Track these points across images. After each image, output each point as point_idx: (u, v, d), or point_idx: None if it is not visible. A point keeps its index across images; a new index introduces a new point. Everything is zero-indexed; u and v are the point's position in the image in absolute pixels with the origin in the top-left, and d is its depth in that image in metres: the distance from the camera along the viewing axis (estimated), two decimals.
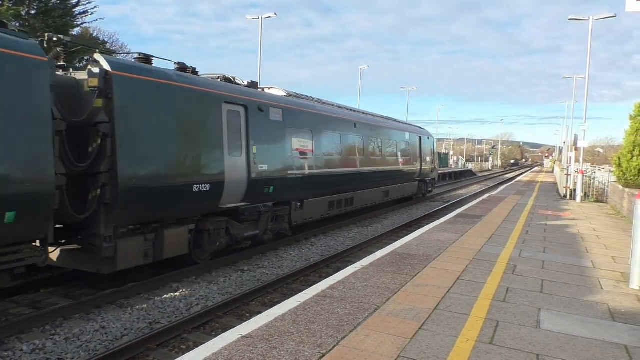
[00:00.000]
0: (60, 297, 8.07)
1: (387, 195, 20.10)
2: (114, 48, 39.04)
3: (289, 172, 12.39)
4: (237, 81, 11.47)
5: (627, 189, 15.97)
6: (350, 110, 18.19)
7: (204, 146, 9.28)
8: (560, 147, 57.36)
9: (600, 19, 22.12)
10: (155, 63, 8.95)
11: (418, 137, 24.09)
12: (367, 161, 17.57)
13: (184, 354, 4.38)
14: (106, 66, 7.60)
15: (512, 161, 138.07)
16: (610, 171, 23.12)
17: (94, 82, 7.42)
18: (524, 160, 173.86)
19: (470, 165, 78.42)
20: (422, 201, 25.46)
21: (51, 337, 6.40)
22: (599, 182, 25.38)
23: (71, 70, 7.98)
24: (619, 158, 17.87)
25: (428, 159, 25.56)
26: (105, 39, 37.58)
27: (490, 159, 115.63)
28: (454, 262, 8.03)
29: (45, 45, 7.24)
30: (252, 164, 10.66)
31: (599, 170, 31.66)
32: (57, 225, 7.19)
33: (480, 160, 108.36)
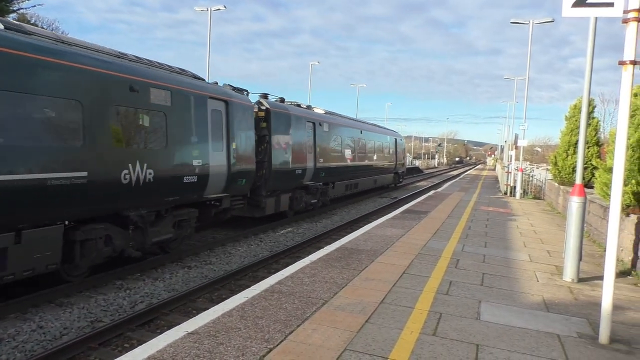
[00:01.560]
0: None
1: (375, 183, 26.74)
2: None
3: (332, 164, 19.47)
4: (315, 109, 19.67)
5: (562, 187, 16.83)
6: (357, 120, 26.54)
7: (300, 147, 16.47)
8: (501, 145, 59.68)
9: (539, 23, 23.15)
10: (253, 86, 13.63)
11: (395, 139, 31.66)
12: (366, 157, 24.63)
13: (127, 352, 4.26)
14: (267, 106, 14.60)
15: (457, 159, 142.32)
16: (548, 169, 24.27)
17: (262, 114, 14.41)
18: (468, 158, 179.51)
19: (417, 163, 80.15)
20: (371, 197, 25.93)
21: None
22: (537, 180, 26.61)
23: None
24: (555, 157, 18.74)
25: (401, 156, 33.09)
26: (44, 26, 35.83)
27: (437, 156, 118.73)
28: (400, 257, 8.21)
29: None
30: (320, 160, 18.06)
31: (537, 168, 33.20)
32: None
33: (427, 158, 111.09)
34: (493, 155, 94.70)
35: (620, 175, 4.69)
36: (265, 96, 14.97)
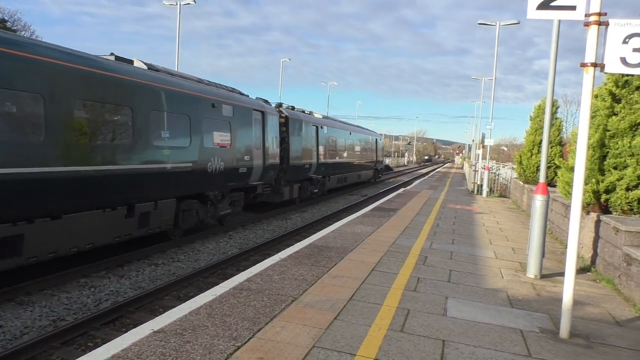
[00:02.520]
0: None
1: (359, 177, 30.68)
2: (15, 27, 35.95)
3: (329, 160, 23.39)
4: (315, 114, 23.06)
5: (526, 185, 17.25)
6: (346, 123, 30.66)
7: (308, 146, 20.26)
8: (469, 144, 60.73)
9: (506, 24, 23.67)
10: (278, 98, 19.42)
11: (375, 139, 36.13)
12: (354, 155, 28.60)
13: (90, 351, 4.16)
14: (286, 114, 18.14)
15: (426, 157, 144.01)
16: (513, 168, 24.82)
17: (282, 120, 17.60)
18: (437, 156, 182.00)
19: (387, 161, 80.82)
20: (341, 194, 26.05)
21: None
22: (503, 179, 27.20)
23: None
24: (520, 156, 19.15)
25: (379, 154, 37.62)
26: (5, 17, 34.56)
27: (406, 154, 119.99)
28: (369, 254, 8.28)
29: None
30: (321, 156, 21.96)
31: (503, 167, 33.95)
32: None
33: (397, 156, 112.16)
34: (461, 154, 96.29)
35: (581, 174, 4.84)
36: (280, 105, 18.75)
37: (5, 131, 6.96)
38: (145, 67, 10.65)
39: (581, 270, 8.00)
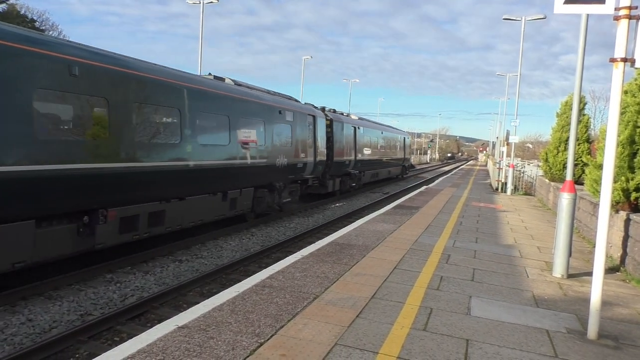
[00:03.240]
0: None
1: (389, 173, 33.59)
2: (43, 27, 36.75)
3: (365, 157, 26.09)
4: (352, 116, 26.73)
5: (552, 183, 16.94)
6: (378, 123, 34.75)
7: (348, 145, 22.84)
8: (493, 141, 59.90)
9: (531, 19, 23.21)
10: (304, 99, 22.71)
11: (403, 138, 39.01)
12: (385, 153, 31.45)
13: (117, 345, 4.24)
14: (331, 117, 20.85)
15: (449, 154, 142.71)
16: (538, 166, 24.39)
17: (327, 122, 20.30)
18: (460, 153, 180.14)
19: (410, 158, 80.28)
20: (363, 192, 26.01)
21: None
22: (528, 176, 26.75)
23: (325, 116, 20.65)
24: (546, 153, 18.81)
25: (407, 152, 40.56)
26: (34, 17, 35.35)
27: (429, 152, 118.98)
28: (391, 252, 8.23)
29: None
30: (358, 154, 24.57)
31: (528, 164, 33.38)
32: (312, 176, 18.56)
33: (419, 153, 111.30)
34: (485, 151, 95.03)
35: (610, 172, 4.72)
36: (323, 109, 21.26)
37: (168, 136, 10.03)
38: (232, 83, 13.58)
39: (610, 270, 7.82)
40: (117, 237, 8.88)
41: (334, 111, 22.53)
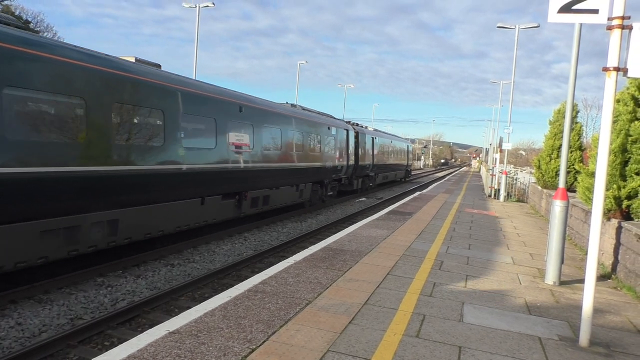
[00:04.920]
0: None
1: (396, 176, 38.55)
2: (38, 28, 36.60)
3: (380, 162, 31.25)
4: (368, 127, 31.33)
5: (545, 190, 17.02)
6: (388, 133, 39.90)
7: (368, 152, 28.19)
8: (486, 148, 60.15)
9: (525, 28, 23.36)
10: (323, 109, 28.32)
11: (407, 145, 45.16)
12: (393, 158, 36.53)
13: (107, 350, 4.20)
14: (357, 130, 26.32)
15: (443, 161, 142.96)
16: (531, 173, 24.51)
17: (355, 134, 25.64)
18: (453, 160, 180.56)
19: None
20: (357, 197, 26.04)
21: None
22: (521, 183, 26.87)
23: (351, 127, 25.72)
24: (539, 160, 18.91)
25: (409, 157, 45.77)
26: (29, 19, 35.18)
27: (422, 158, 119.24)
28: (384, 258, 8.23)
29: None
30: (375, 159, 29.58)
31: (521, 171, 33.53)
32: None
33: (413, 159, 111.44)
34: (478, 158, 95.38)
35: (602, 179, 4.74)
36: (349, 122, 26.26)
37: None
38: (301, 108, 18.81)
39: (601, 278, 7.85)
40: (249, 209, 13.82)
41: (357, 124, 28.24)
